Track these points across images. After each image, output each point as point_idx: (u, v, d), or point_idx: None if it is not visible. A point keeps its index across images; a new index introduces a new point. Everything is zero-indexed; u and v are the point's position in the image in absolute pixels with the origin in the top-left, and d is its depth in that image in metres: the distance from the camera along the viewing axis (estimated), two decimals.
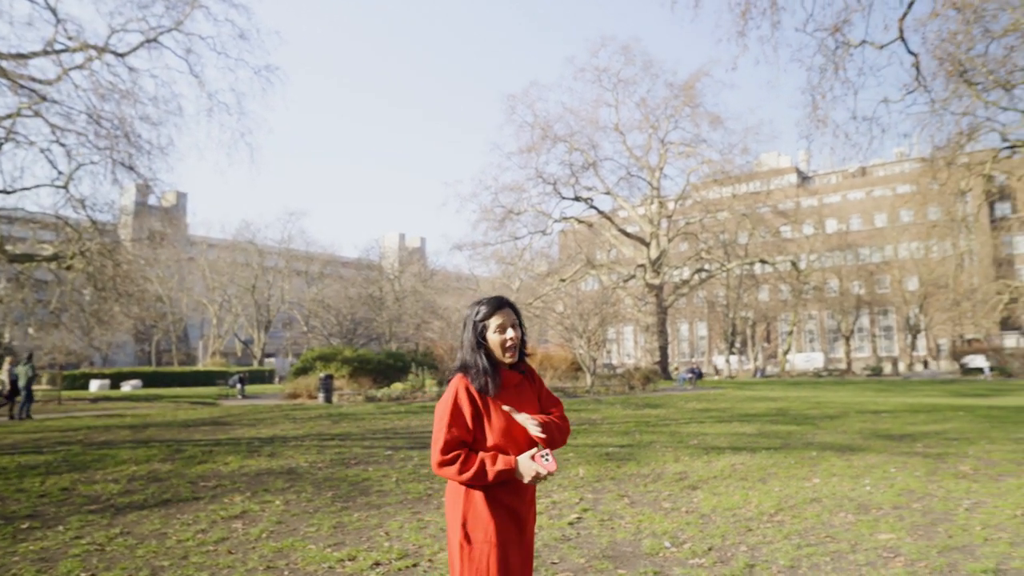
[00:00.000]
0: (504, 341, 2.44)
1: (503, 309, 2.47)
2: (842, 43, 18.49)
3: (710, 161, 47.37)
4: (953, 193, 28.54)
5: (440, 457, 2.31)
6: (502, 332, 2.45)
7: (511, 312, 2.49)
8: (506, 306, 2.49)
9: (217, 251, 63.08)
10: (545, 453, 2.31)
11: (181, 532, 5.56)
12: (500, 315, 2.46)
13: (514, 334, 2.46)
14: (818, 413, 16.91)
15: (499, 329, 2.45)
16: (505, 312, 2.47)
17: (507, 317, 2.47)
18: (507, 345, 2.44)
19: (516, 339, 2.46)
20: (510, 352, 2.45)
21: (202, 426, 14.55)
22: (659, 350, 47.58)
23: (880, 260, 66.53)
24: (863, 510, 6.12)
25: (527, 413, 2.41)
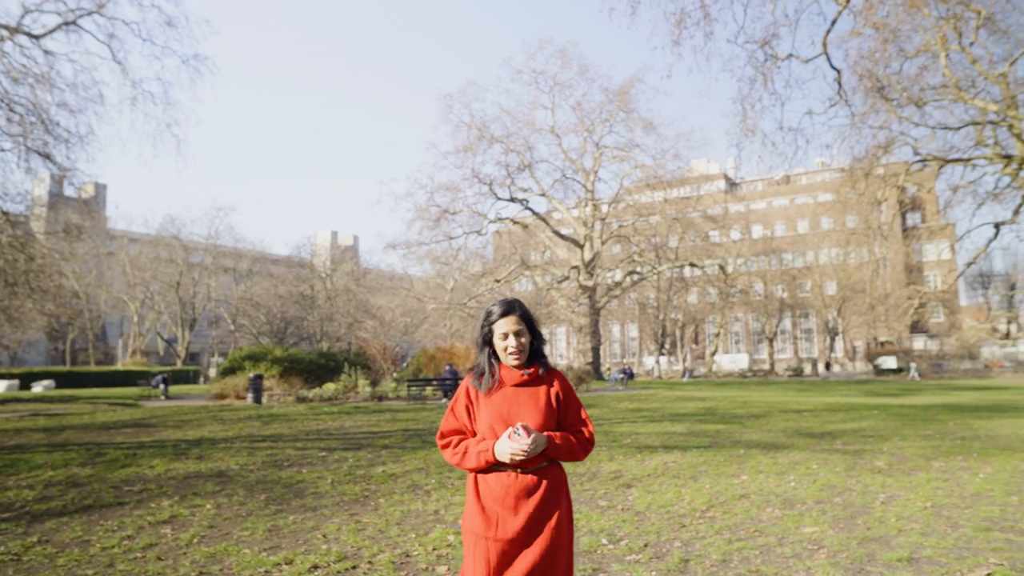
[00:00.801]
0: (505, 347, 2.60)
1: (508, 316, 2.61)
2: (770, 56, 19.21)
3: (643, 166, 48.32)
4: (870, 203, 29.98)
5: (438, 442, 2.65)
6: (504, 339, 2.60)
7: (516, 319, 2.61)
8: (512, 313, 2.62)
9: (139, 246, 60.36)
10: (518, 428, 2.42)
11: (105, 539, 5.33)
12: (505, 322, 2.60)
13: (515, 341, 2.58)
14: (744, 412, 17.50)
15: (502, 336, 2.60)
16: (509, 320, 2.60)
17: (511, 325, 2.59)
18: (508, 351, 2.60)
19: (518, 345, 2.59)
20: (512, 356, 2.60)
21: (124, 428, 13.96)
22: (592, 351, 48.27)
23: (802, 265, 69.35)
24: (788, 505, 6.39)
25: (526, 413, 2.54)
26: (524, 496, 2.46)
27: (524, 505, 2.45)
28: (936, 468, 8.40)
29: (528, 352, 2.63)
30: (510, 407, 2.55)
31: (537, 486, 2.48)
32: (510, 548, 2.42)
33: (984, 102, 23.05)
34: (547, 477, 2.50)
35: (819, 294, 65.05)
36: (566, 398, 2.62)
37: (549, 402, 2.58)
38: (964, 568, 4.39)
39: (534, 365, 2.63)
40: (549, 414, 2.56)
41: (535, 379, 2.61)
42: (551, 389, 2.61)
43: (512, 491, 2.46)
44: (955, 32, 23.35)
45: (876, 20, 19.96)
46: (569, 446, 2.53)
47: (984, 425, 13.70)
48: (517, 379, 2.60)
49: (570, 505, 2.58)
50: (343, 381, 24.17)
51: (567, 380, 2.68)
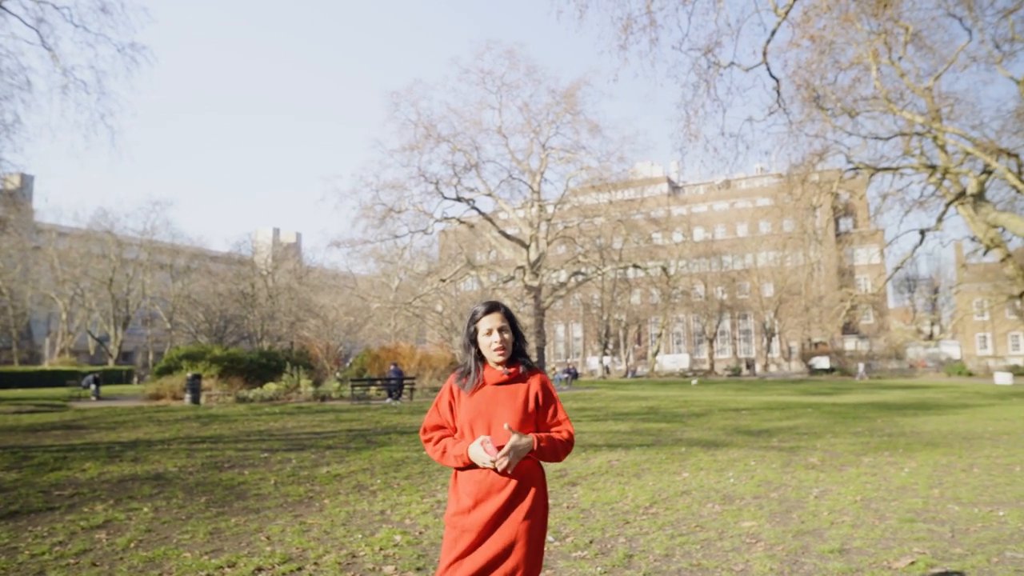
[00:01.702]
0: (489, 344, 2.67)
1: (492, 314, 2.70)
2: (713, 63, 19.68)
3: (589, 168, 48.82)
4: (806, 208, 31.07)
5: (421, 437, 2.76)
6: (488, 335, 2.68)
7: (500, 317, 2.70)
8: (495, 311, 2.71)
9: (69, 240, 57.74)
10: (486, 439, 2.51)
11: (35, 546, 5.13)
12: (489, 319, 2.70)
13: (499, 337, 2.66)
14: (685, 411, 17.90)
15: (486, 332, 2.69)
16: (492, 317, 2.70)
17: (494, 322, 2.68)
18: (492, 348, 2.66)
19: (502, 341, 2.66)
20: (496, 352, 2.66)
21: (52, 431, 13.39)
22: (537, 351, 48.52)
23: (741, 267, 71.31)
24: (728, 500, 6.59)
25: (503, 412, 2.60)
26: (496, 490, 2.54)
27: (495, 498, 2.53)
28: (865, 463, 8.77)
29: (511, 351, 2.70)
30: (488, 405, 2.62)
31: (508, 481, 2.55)
32: (477, 539, 2.50)
33: (911, 114, 24.16)
34: (519, 473, 2.55)
35: (757, 296, 67.00)
36: (545, 398, 2.67)
37: (527, 401, 2.63)
38: (891, 557, 4.62)
39: (516, 364, 2.70)
40: (526, 413, 2.61)
41: (516, 378, 2.68)
42: (530, 389, 2.66)
43: (484, 485, 2.55)
44: (885, 46, 24.43)
45: (813, 32, 20.68)
46: (552, 447, 2.57)
47: (909, 422, 14.37)
48: (498, 378, 2.67)
49: (544, 502, 2.61)
50: (285, 381, 23.71)
51: (548, 380, 2.74)
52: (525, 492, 2.57)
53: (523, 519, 2.53)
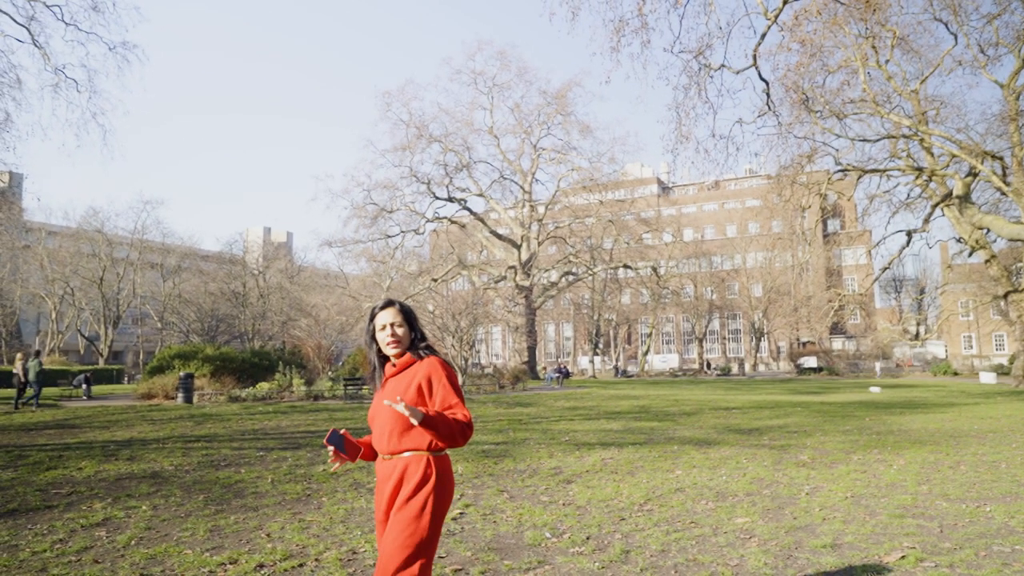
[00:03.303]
0: (383, 338, 2.76)
1: (386, 309, 2.78)
2: (704, 66, 19.80)
3: (579, 168, 49.03)
4: (795, 209, 31.29)
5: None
6: (383, 330, 2.76)
7: (394, 312, 2.77)
8: (390, 307, 2.79)
9: (59, 239, 57.33)
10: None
11: (35, 543, 5.16)
12: (383, 314, 2.78)
13: (391, 331, 2.73)
14: (677, 410, 18.04)
15: (381, 327, 2.77)
16: (386, 312, 2.77)
17: (387, 317, 2.76)
18: (385, 342, 2.74)
19: (393, 334, 2.73)
20: (389, 345, 2.73)
21: (45, 430, 13.36)
22: (528, 350, 48.68)
23: (731, 268, 71.69)
24: (721, 497, 6.70)
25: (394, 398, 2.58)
26: (383, 481, 2.65)
27: (383, 489, 2.64)
28: (855, 461, 8.91)
29: (407, 343, 2.75)
30: (378, 403, 2.72)
31: (391, 473, 2.61)
32: (380, 528, 2.63)
33: (898, 117, 24.43)
34: (401, 465, 2.59)
35: (746, 296, 67.39)
36: (434, 384, 2.64)
37: (408, 389, 2.64)
38: (881, 552, 4.74)
39: (407, 355, 2.75)
40: (411, 398, 2.61)
41: (406, 367, 2.72)
42: (416, 376, 2.66)
43: (379, 475, 2.69)
44: (873, 50, 24.69)
45: (802, 35, 20.84)
46: (443, 421, 2.49)
47: (897, 420, 14.56)
48: (389, 372, 2.77)
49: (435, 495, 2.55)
50: (277, 380, 23.69)
51: (442, 367, 2.68)
52: (412, 487, 2.55)
53: (397, 510, 2.54)
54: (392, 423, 2.61)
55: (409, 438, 2.58)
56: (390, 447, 2.61)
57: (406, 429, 2.58)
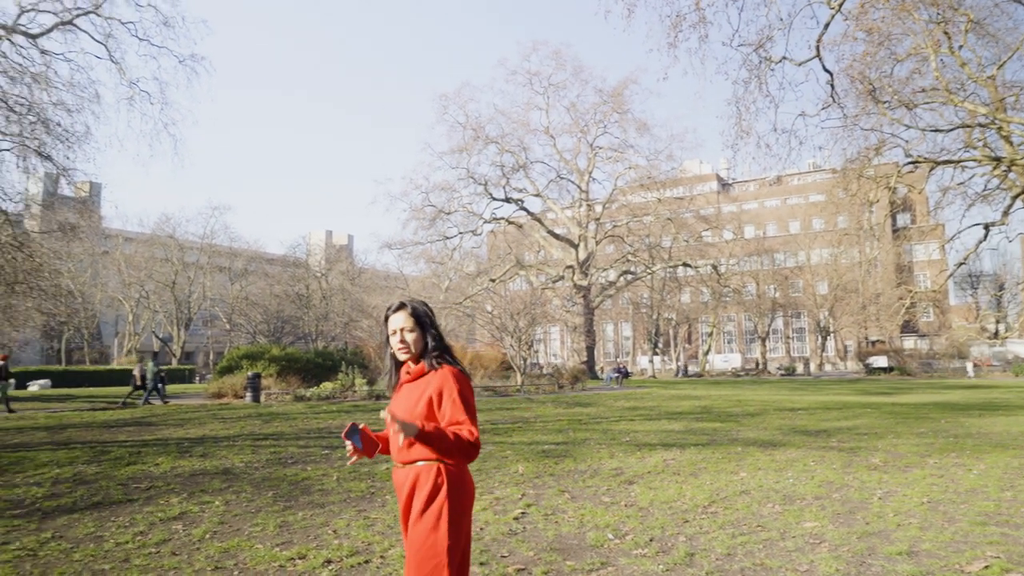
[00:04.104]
0: (393, 344, 2.69)
1: (396, 314, 2.69)
2: (765, 59, 19.37)
3: (637, 166, 48.56)
4: (862, 204, 30.22)
5: None
6: (393, 336, 2.68)
7: (404, 317, 2.67)
8: (400, 311, 2.69)
9: (134, 245, 60.06)
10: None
11: (118, 535, 5.41)
12: (394, 319, 2.69)
13: (400, 337, 2.65)
14: (740, 411, 17.67)
15: (392, 332, 2.69)
16: (396, 317, 2.68)
17: (397, 322, 2.67)
18: (396, 348, 2.68)
19: (402, 342, 2.65)
20: (400, 352, 2.67)
21: (125, 427, 14.00)
22: (586, 350, 48.45)
23: (794, 265, 69.71)
24: (788, 501, 6.53)
25: (400, 410, 2.58)
26: (400, 489, 2.60)
27: (400, 497, 2.60)
28: (931, 465, 8.56)
29: (418, 349, 2.65)
30: (393, 406, 2.64)
31: (403, 482, 2.57)
32: (404, 531, 2.58)
33: (973, 105, 23.30)
34: (416, 474, 2.53)
35: (811, 294, 65.43)
36: (444, 398, 2.53)
37: (420, 401, 2.55)
38: (963, 561, 4.53)
39: (423, 363, 2.64)
40: (417, 413, 2.53)
41: (420, 376, 2.63)
42: (428, 389, 2.56)
43: (394, 483, 2.65)
44: (945, 35, 23.60)
45: (868, 24, 20.16)
46: (441, 437, 2.42)
47: (976, 423, 13.90)
48: (403, 378, 2.69)
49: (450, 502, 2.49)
50: (340, 380, 24.21)
51: (455, 380, 2.56)
52: (425, 496, 2.50)
53: (413, 524, 2.50)
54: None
55: (420, 447, 2.50)
56: (402, 456, 2.57)
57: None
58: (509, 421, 15.27)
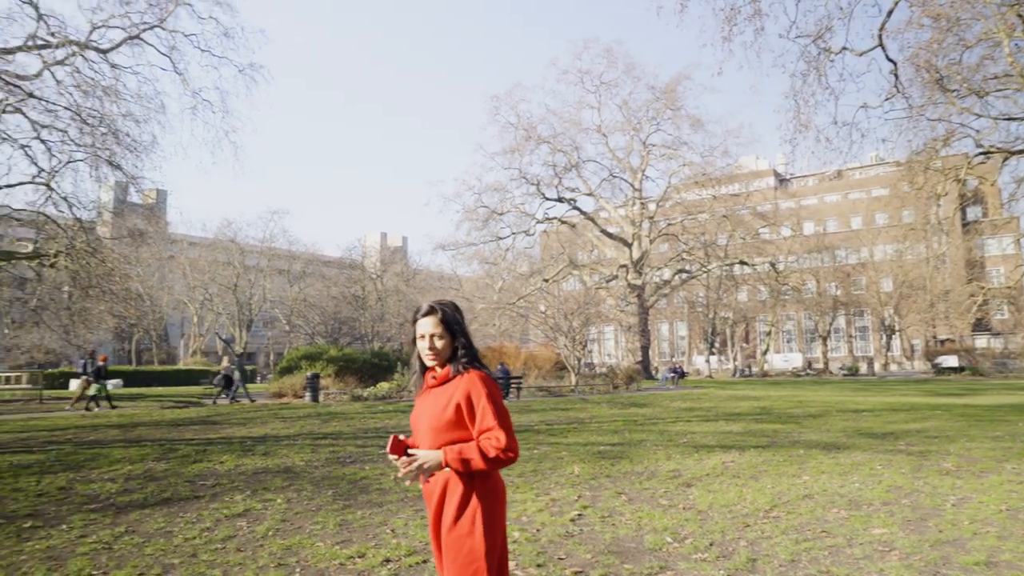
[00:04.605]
0: (421, 347, 2.61)
1: (424, 318, 2.60)
2: (824, 50, 18.82)
3: (691, 163, 47.84)
4: (928, 197, 29.08)
5: None
6: (421, 340, 2.60)
7: (433, 322, 2.59)
8: (431, 315, 2.60)
9: (198, 250, 62.29)
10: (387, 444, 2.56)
11: (186, 530, 5.59)
12: (422, 323, 2.60)
13: (428, 343, 2.57)
14: (801, 412, 17.20)
15: (420, 337, 2.61)
16: (424, 322, 2.59)
17: (425, 327, 2.59)
18: (423, 353, 2.60)
19: (431, 347, 2.57)
20: (429, 357, 2.59)
21: (191, 425, 14.49)
22: (641, 350, 47.94)
23: (856, 262, 67.53)
24: (854, 506, 6.31)
25: (424, 418, 2.55)
26: (430, 496, 2.54)
27: (431, 505, 2.54)
28: (1009, 470, 8.16)
29: (447, 355, 2.59)
30: (419, 411, 2.60)
31: (434, 490, 2.52)
32: (435, 542, 2.54)
33: None
34: (445, 481, 2.49)
35: (874, 291, 63.27)
36: (474, 404, 2.47)
37: (447, 407, 2.49)
38: None
39: (449, 367, 2.58)
40: (444, 420, 2.49)
41: (445, 382, 2.57)
42: (454, 395, 2.50)
43: (424, 491, 2.60)
44: (1019, 18, 22.49)
45: (935, 9, 19.39)
46: (466, 461, 2.41)
47: None
48: (429, 383, 2.62)
49: (483, 508, 2.46)
50: (396, 380, 24.56)
51: (483, 385, 2.51)
52: (455, 501, 2.46)
53: (448, 532, 2.45)
54: (431, 437, 2.50)
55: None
56: None
57: (444, 444, 2.47)
58: (564, 422, 15.22)
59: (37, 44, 20.50)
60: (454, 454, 2.41)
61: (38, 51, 20.55)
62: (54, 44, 20.60)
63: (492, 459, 2.39)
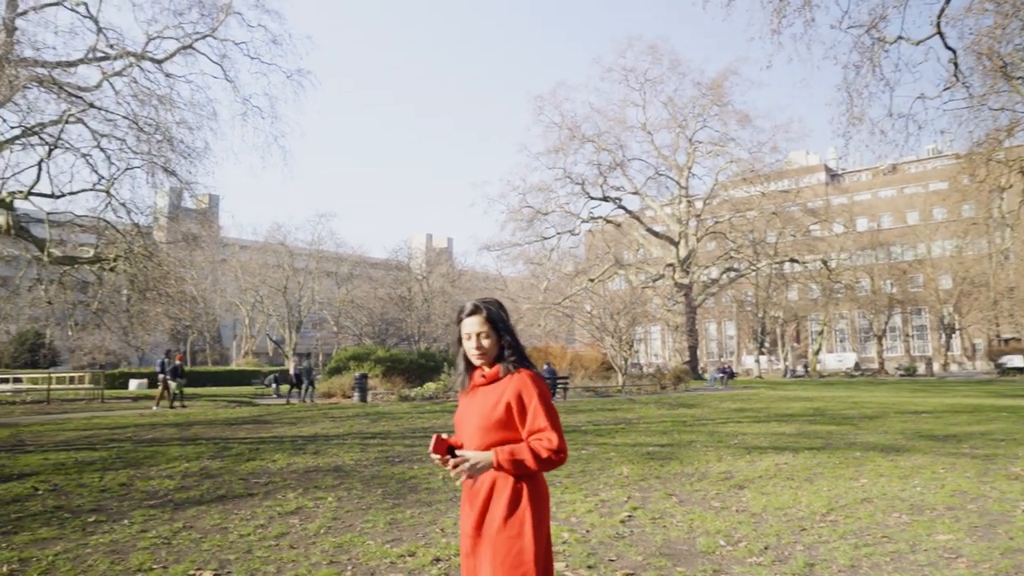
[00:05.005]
0: (468, 347, 2.56)
1: (470, 317, 2.57)
2: (878, 40, 18.28)
3: (739, 160, 47.08)
4: (991, 190, 27.98)
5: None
6: (467, 340, 2.56)
7: (479, 321, 2.55)
8: (477, 314, 2.56)
9: (249, 253, 63.87)
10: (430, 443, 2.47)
11: (241, 527, 5.69)
12: (468, 322, 2.57)
13: (475, 342, 2.53)
14: (856, 413, 16.73)
15: (466, 336, 2.57)
16: (470, 321, 2.56)
17: (472, 327, 2.55)
18: (471, 353, 2.56)
19: (478, 347, 2.53)
20: (476, 357, 2.55)
21: (244, 424, 14.82)
22: (689, 350, 47.32)
23: (913, 258, 65.39)
24: (916, 511, 6.09)
25: (473, 417, 2.51)
26: (472, 497, 2.47)
27: (473, 506, 2.46)
28: None
29: (494, 353, 2.55)
30: (466, 409, 2.56)
31: (480, 489, 2.45)
32: (469, 543, 2.46)
33: None
34: (492, 480, 2.43)
35: (932, 289, 61.16)
36: (523, 403, 2.45)
37: (497, 406, 2.45)
38: None
39: (498, 367, 2.54)
40: (494, 419, 2.45)
41: (494, 381, 2.53)
42: (504, 394, 2.46)
43: (465, 490, 2.53)
44: None
45: None
46: (517, 462, 2.38)
47: None
48: (477, 381, 2.58)
49: (532, 509, 2.42)
50: (443, 380, 24.70)
51: (534, 384, 2.48)
52: (505, 500, 2.41)
53: (497, 533, 2.39)
54: (480, 437, 2.46)
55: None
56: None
57: (493, 443, 2.43)
58: (612, 422, 15.10)
59: (97, 56, 21.29)
60: (506, 455, 2.38)
61: (98, 63, 21.35)
62: (112, 56, 21.37)
63: (544, 460, 2.37)
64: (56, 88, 19.02)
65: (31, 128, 19.84)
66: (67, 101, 19.45)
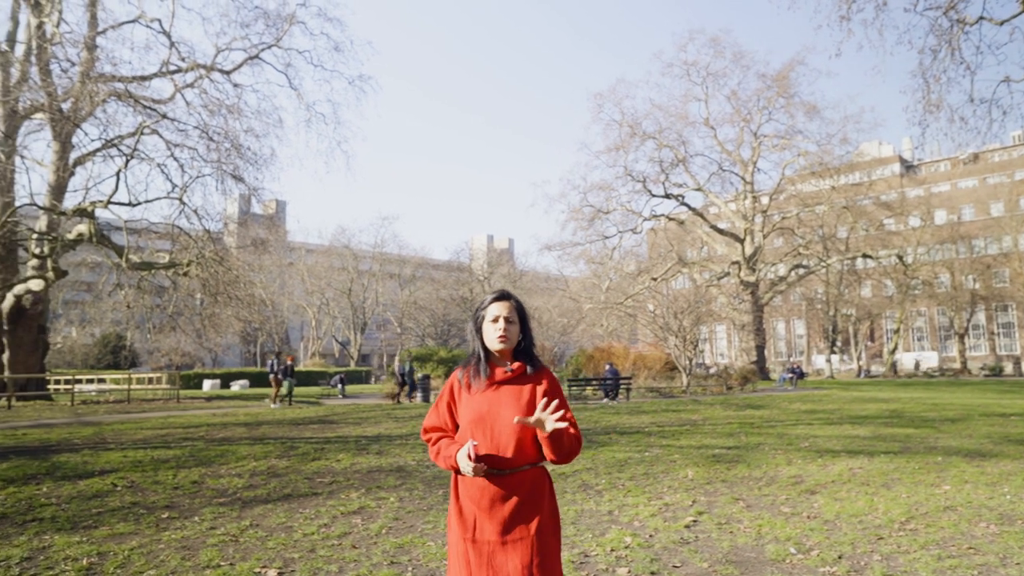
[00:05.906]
0: (494, 330, 2.51)
1: (501, 301, 2.57)
2: (957, 21, 17.38)
3: (806, 153, 45.58)
4: None
5: (422, 437, 2.62)
6: (495, 322, 2.52)
7: (509, 307, 2.56)
8: (506, 300, 2.58)
9: (315, 256, 65.57)
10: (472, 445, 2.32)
11: (305, 526, 5.78)
12: (496, 306, 2.55)
13: (504, 324, 2.51)
14: (936, 415, 15.93)
15: (493, 319, 2.53)
16: (501, 304, 2.55)
17: (502, 310, 2.54)
18: (495, 334, 2.51)
19: (506, 329, 2.50)
20: (499, 340, 2.50)
21: (310, 424, 15.15)
22: (756, 349, 46.09)
23: (997, 252, 62.04)
24: (1007, 521, 5.71)
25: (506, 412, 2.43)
26: (500, 499, 2.36)
27: (499, 508, 2.35)
28: None
29: (515, 341, 2.54)
30: (491, 406, 2.45)
31: (513, 489, 2.37)
32: (488, 551, 2.34)
33: None
34: (525, 480, 2.38)
35: (1020, 284, 57.88)
36: (552, 397, 2.45)
37: (533, 401, 2.44)
38: None
39: (519, 362, 2.53)
40: (530, 412, 2.42)
41: (519, 376, 2.51)
42: (537, 387, 2.47)
43: (487, 493, 2.37)
44: None
45: None
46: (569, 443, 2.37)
47: None
48: (500, 376, 2.51)
49: (554, 510, 2.46)
50: None
51: (556, 379, 2.55)
52: (536, 502, 2.38)
53: (540, 531, 2.34)
54: (518, 434, 2.39)
55: (534, 450, 2.41)
56: (510, 461, 2.38)
57: (532, 441, 2.40)
58: (676, 423, 14.80)
59: (170, 70, 22.21)
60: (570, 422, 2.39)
61: (170, 76, 22.26)
62: (184, 68, 22.24)
63: (576, 439, 2.40)
64: (133, 101, 19.93)
65: (110, 140, 20.84)
66: (143, 113, 20.35)
